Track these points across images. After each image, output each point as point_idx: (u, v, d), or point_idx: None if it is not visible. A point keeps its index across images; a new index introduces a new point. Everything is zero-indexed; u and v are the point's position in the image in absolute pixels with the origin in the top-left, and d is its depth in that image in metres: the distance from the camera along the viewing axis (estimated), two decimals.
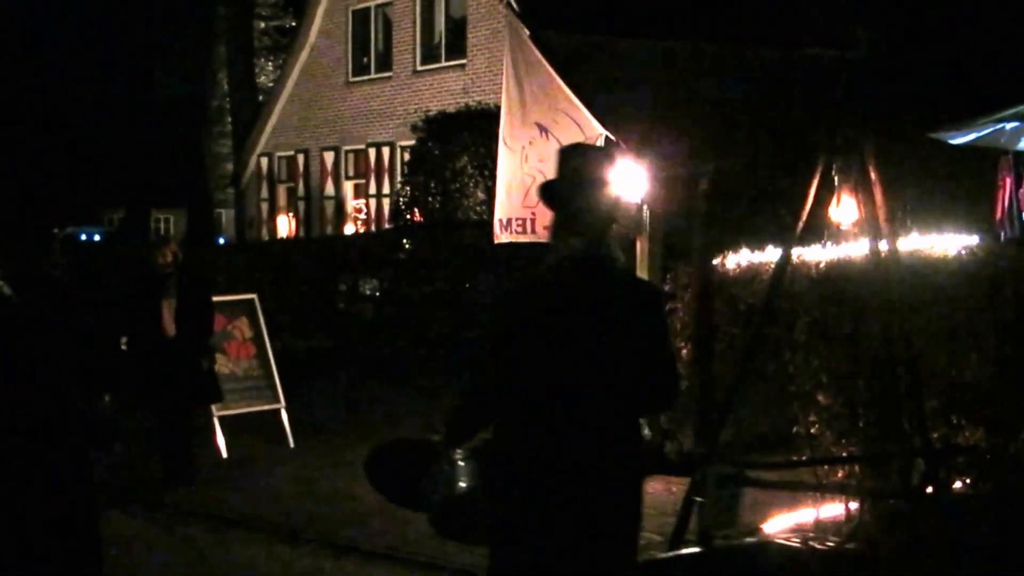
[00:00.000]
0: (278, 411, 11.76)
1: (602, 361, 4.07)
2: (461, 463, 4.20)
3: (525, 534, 4.10)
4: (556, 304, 4.11)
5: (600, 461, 4.07)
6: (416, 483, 4.27)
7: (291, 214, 28.61)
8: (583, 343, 4.06)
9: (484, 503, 4.17)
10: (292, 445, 11.60)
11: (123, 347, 10.45)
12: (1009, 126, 14.16)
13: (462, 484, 4.17)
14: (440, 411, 10.76)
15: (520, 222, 10.84)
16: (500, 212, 11.05)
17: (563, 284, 4.12)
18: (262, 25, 35.66)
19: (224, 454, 11.17)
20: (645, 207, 10.12)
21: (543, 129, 10.71)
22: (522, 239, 10.94)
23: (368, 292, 18.43)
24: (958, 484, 6.96)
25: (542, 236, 10.67)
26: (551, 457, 4.06)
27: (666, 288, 10.33)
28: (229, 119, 33.22)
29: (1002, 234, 14.20)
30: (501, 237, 10.99)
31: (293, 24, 31.17)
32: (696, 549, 6.01)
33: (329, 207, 27.98)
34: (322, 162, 28.16)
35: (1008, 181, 14.65)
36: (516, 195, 10.89)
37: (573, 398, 4.06)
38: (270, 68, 35.41)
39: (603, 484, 4.09)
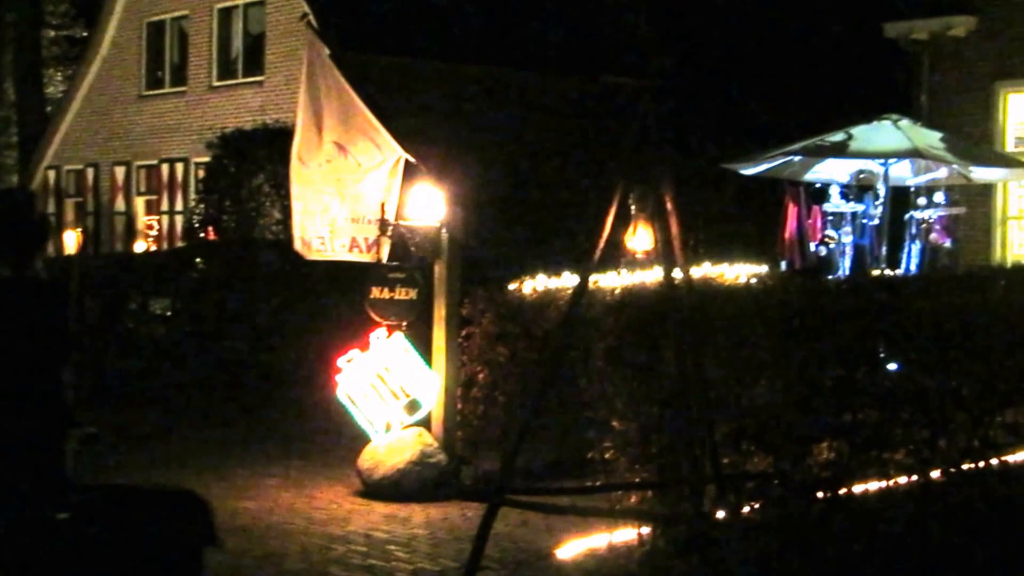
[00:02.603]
0: None
1: (17, 360, 5.22)
2: None
3: None
4: None
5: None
6: None
7: (79, 230, 27.70)
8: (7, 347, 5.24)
9: None
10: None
11: None
12: (796, 159, 14.67)
13: None
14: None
15: (320, 239, 10.66)
16: (299, 231, 10.84)
17: None
18: (51, 34, 34.55)
19: None
20: (443, 231, 10.05)
21: (341, 148, 10.56)
22: (323, 257, 10.76)
23: (159, 312, 17.90)
24: (747, 509, 7.07)
25: (341, 254, 10.53)
26: None
27: (463, 312, 10.27)
28: (15, 130, 32.13)
29: (789, 262, 14.67)
30: (309, 255, 10.81)
31: (84, 34, 30.27)
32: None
33: (119, 223, 27.22)
34: (112, 177, 27.38)
35: (795, 211, 15.16)
36: (314, 213, 10.70)
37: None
38: (59, 78, 34.33)
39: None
